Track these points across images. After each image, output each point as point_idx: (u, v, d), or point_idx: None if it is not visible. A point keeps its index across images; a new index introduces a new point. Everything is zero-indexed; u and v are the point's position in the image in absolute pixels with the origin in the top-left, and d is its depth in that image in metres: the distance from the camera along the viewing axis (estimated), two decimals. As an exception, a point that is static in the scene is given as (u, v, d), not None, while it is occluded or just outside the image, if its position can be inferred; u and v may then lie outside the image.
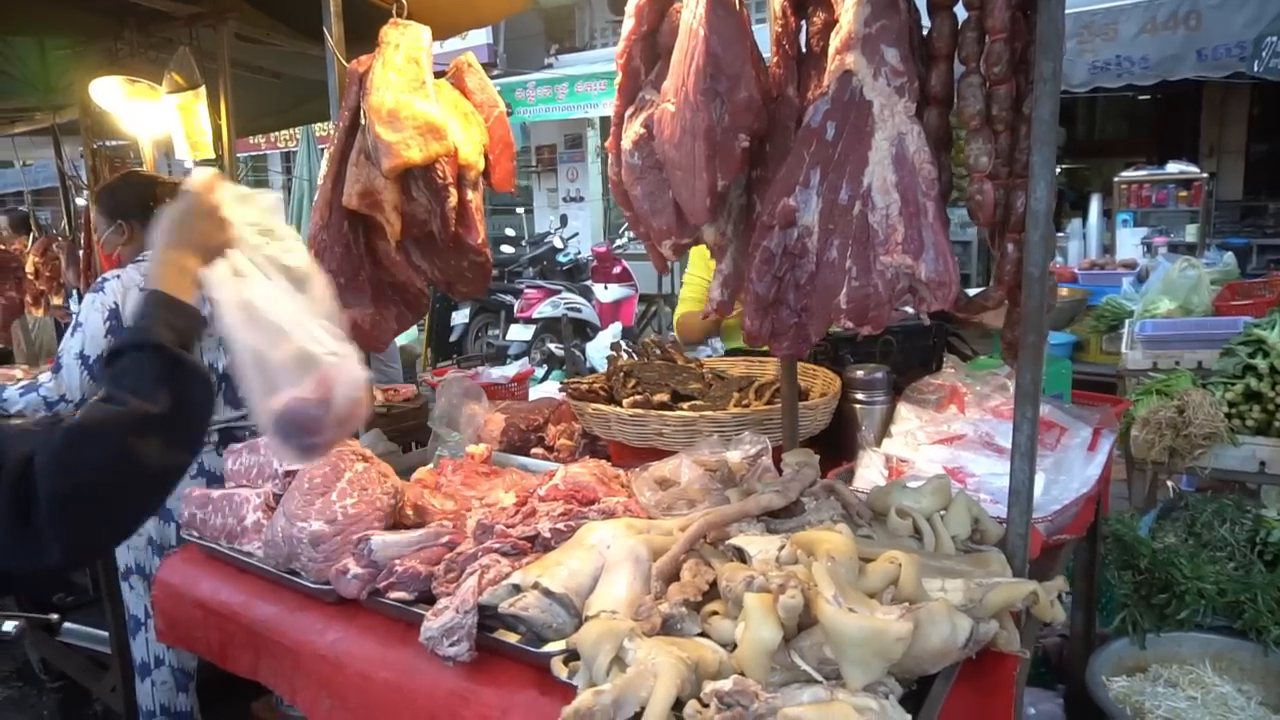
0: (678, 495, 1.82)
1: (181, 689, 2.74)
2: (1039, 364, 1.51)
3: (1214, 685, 2.34)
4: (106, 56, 4.00)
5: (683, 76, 1.64)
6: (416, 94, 2.17)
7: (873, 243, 1.56)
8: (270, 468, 2.07)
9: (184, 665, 2.72)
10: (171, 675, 2.71)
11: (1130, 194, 8.49)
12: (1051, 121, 1.41)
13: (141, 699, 2.74)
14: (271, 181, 17.96)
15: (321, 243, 2.36)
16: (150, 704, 2.72)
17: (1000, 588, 1.37)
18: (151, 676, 2.71)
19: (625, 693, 1.19)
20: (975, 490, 1.88)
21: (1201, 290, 4.37)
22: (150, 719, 2.73)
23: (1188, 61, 6.26)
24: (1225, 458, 2.97)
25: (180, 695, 2.74)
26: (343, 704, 1.67)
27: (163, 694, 2.71)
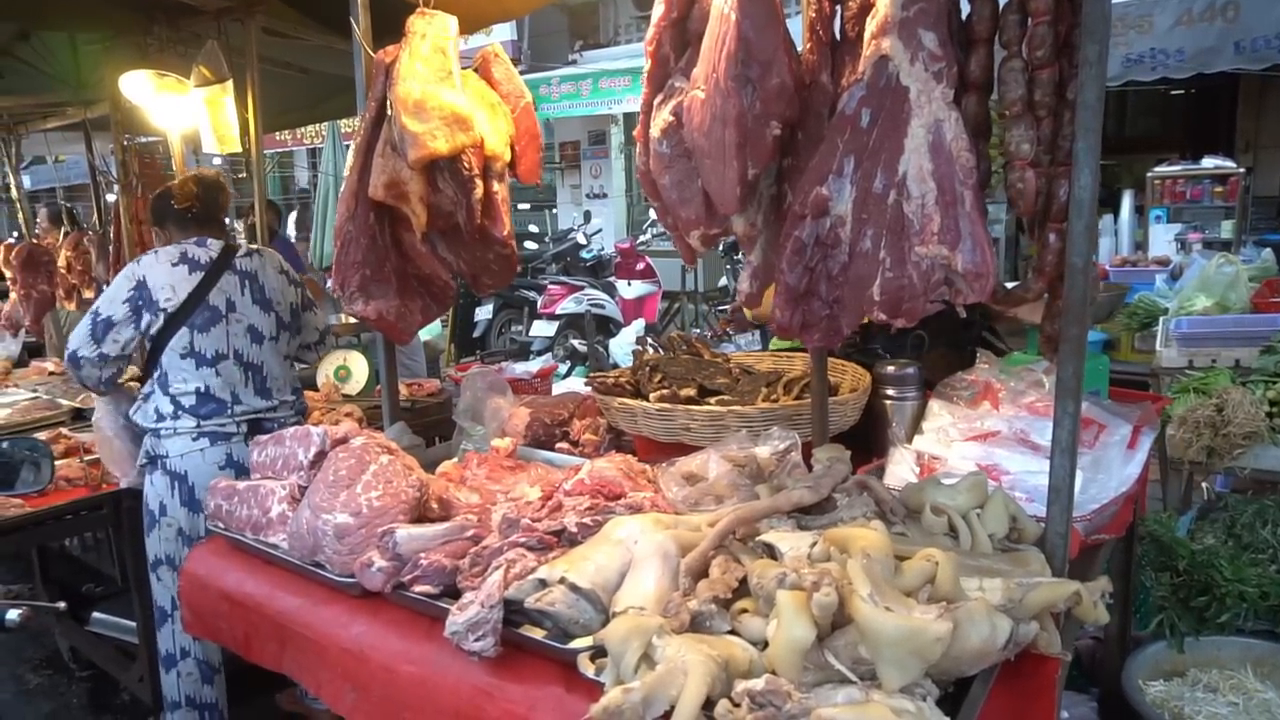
0: (705, 491, 1.79)
1: (207, 681, 2.75)
2: (1081, 357, 1.46)
3: (1256, 691, 2.29)
4: (136, 51, 4.02)
5: (713, 63, 1.61)
6: (443, 84, 2.15)
7: (908, 233, 1.52)
8: (295, 460, 2.06)
9: (209, 658, 2.73)
10: (197, 667, 2.72)
11: (1164, 190, 8.33)
12: (1097, 107, 1.37)
13: (167, 690, 2.76)
14: (298, 178, 18.14)
15: (348, 234, 2.35)
16: (176, 695, 2.73)
17: (1041, 588, 1.33)
18: (178, 668, 2.72)
19: (655, 691, 1.17)
20: (1010, 488, 1.83)
21: (1239, 287, 4.27)
22: (175, 710, 2.74)
23: (1225, 54, 6.11)
24: (1266, 457, 2.89)
25: (205, 687, 2.75)
26: (366, 697, 1.66)
27: (188, 685, 2.72)
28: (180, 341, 2.66)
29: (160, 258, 2.70)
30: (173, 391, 2.67)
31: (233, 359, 2.73)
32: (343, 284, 2.38)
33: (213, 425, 2.70)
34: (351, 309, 2.39)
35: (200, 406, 2.68)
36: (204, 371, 2.69)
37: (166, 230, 2.87)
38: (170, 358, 2.67)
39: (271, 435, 2.20)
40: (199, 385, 2.68)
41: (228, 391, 2.72)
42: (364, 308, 2.38)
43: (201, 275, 2.70)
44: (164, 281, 2.64)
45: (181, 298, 2.65)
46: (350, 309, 2.40)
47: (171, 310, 2.64)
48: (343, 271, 2.37)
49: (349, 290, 2.37)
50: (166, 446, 2.67)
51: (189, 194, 2.83)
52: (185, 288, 2.67)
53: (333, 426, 2.09)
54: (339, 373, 4.33)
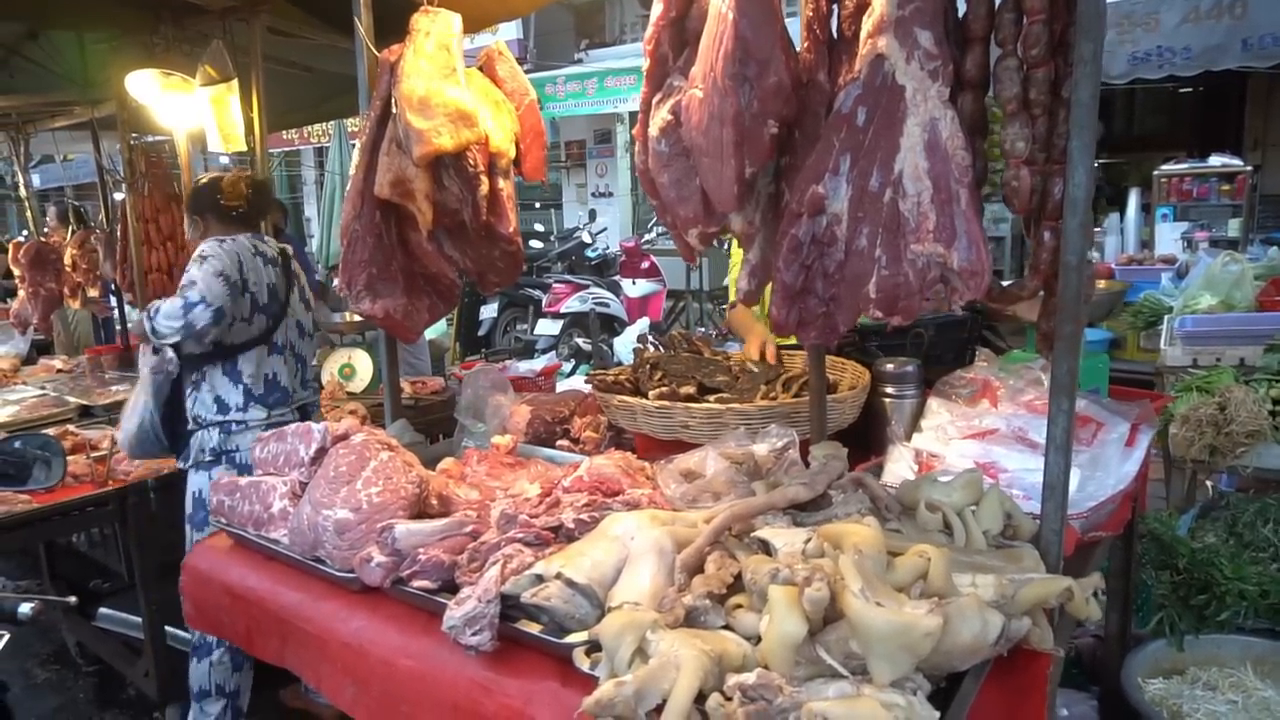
0: (703, 488, 1.80)
1: (237, 669, 2.80)
2: (1075, 355, 1.47)
3: (1256, 689, 2.29)
4: (143, 51, 4.05)
5: (711, 62, 1.62)
6: (447, 81, 2.16)
7: (903, 231, 1.52)
8: (297, 456, 2.07)
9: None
10: (230, 655, 2.77)
11: (1170, 188, 8.29)
12: (1091, 105, 1.37)
13: (198, 679, 2.78)
14: (304, 176, 18.19)
15: (354, 233, 2.36)
16: (206, 683, 2.77)
17: (1034, 584, 1.34)
18: (211, 656, 2.76)
19: (647, 684, 1.17)
20: (1008, 486, 1.83)
21: (1245, 285, 4.26)
22: (204, 698, 2.77)
23: (1232, 51, 6.08)
24: (1268, 456, 2.89)
25: (235, 675, 2.80)
26: (366, 691, 1.67)
27: (219, 673, 2.77)
28: (258, 326, 2.79)
29: (241, 245, 2.78)
30: (245, 380, 2.80)
31: (290, 350, 2.93)
32: (349, 283, 2.40)
33: (279, 415, 2.85)
34: (358, 308, 2.41)
35: (269, 394, 2.84)
36: (274, 359, 2.87)
37: (205, 220, 2.92)
38: (247, 342, 2.79)
39: (273, 432, 2.22)
40: (269, 372, 2.85)
41: (288, 379, 2.91)
42: (371, 306, 2.39)
43: (274, 269, 2.86)
44: (248, 269, 2.75)
45: (263, 285, 2.80)
46: (357, 308, 2.42)
47: (256, 295, 2.77)
48: (349, 270, 2.39)
49: (356, 289, 2.38)
50: (237, 441, 2.78)
51: (240, 194, 2.90)
52: (264, 279, 2.81)
53: (334, 423, 2.10)
54: (343, 370, 4.36)
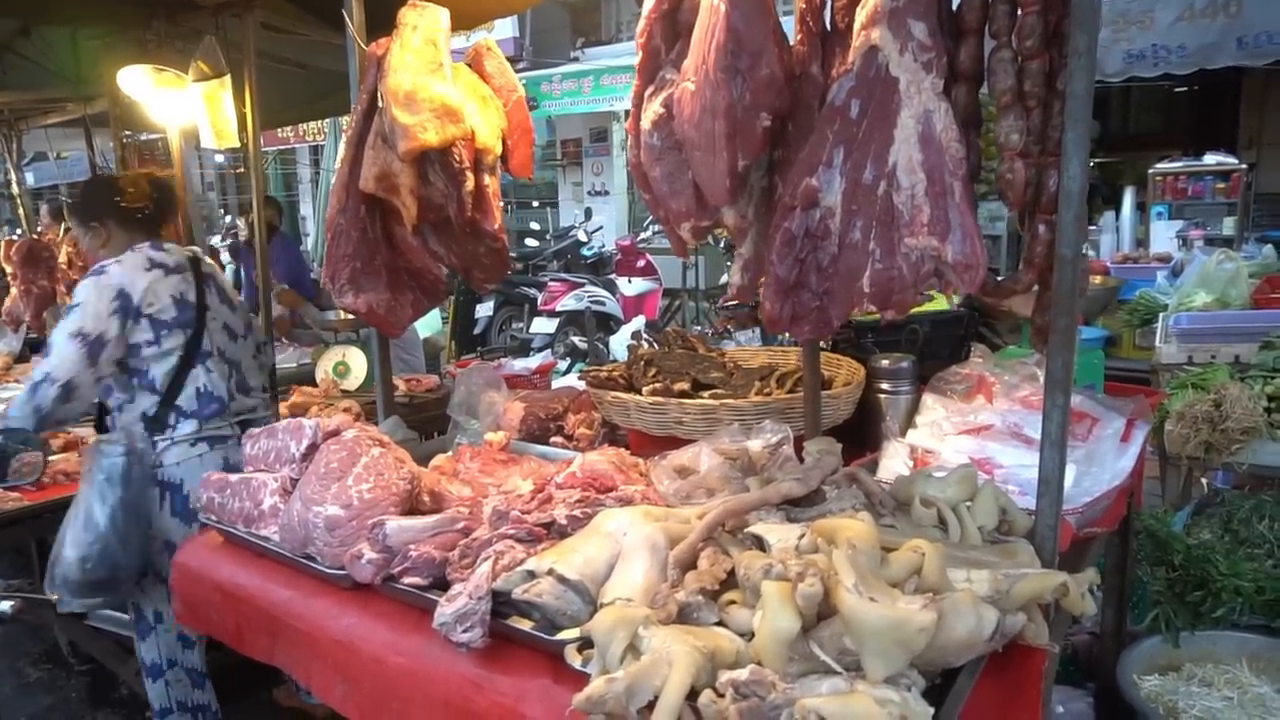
0: (697, 484, 1.79)
1: (198, 686, 2.71)
2: (1070, 349, 1.46)
3: (1251, 686, 2.28)
4: (135, 47, 4.02)
5: (703, 54, 1.61)
6: (434, 76, 2.14)
7: (897, 224, 1.51)
8: (288, 452, 2.06)
9: (195, 665, 2.69)
10: (187, 675, 2.69)
11: (1166, 186, 8.30)
12: (1086, 97, 1.36)
13: (155, 698, 2.69)
14: (300, 175, 18.16)
15: (338, 227, 2.35)
16: (166, 702, 2.68)
17: (1028, 579, 1.33)
18: (165, 676, 2.68)
19: (638, 680, 1.16)
20: (1003, 482, 1.83)
21: (1240, 283, 4.26)
22: (168, 715, 2.69)
23: (1227, 50, 6.09)
24: (1263, 453, 2.88)
25: (197, 691, 2.71)
26: (356, 689, 1.66)
27: (179, 691, 2.68)
28: (171, 344, 2.59)
29: (128, 265, 2.55)
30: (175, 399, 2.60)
31: (217, 356, 2.71)
32: (333, 276, 2.38)
33: (211, 429, 2.65)
34: (341, 301, 2.39)
35: (203, 407, 2.64)
36: (199, 370, 2.64)
37: (105, 227, 2.66)
38: (162, 361, 2.58)
39: (264, 429, 2.20)
40: (199, 385, 2.63)
41: (222, 388, 2.69)
42: (354, 300, 2.38)
43: (177, 278, 2.63)
44: (142, 288, 2.53)
45: (166, 301, 2.58)
46: (340, 301, 2.40)
47: (159, 316, 2.56)
48: (333, 264, 2.37)
49: (339, 283, 2.37)
50: (161, 456, 2.59)
51: (143, 194, 2.67)
52: (165, 291, 2.58)
53: (325, 419, 2.09)
54: (338, 368, 4.34)
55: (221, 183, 19.72)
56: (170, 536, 2.58)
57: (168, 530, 2.59)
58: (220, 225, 15.33)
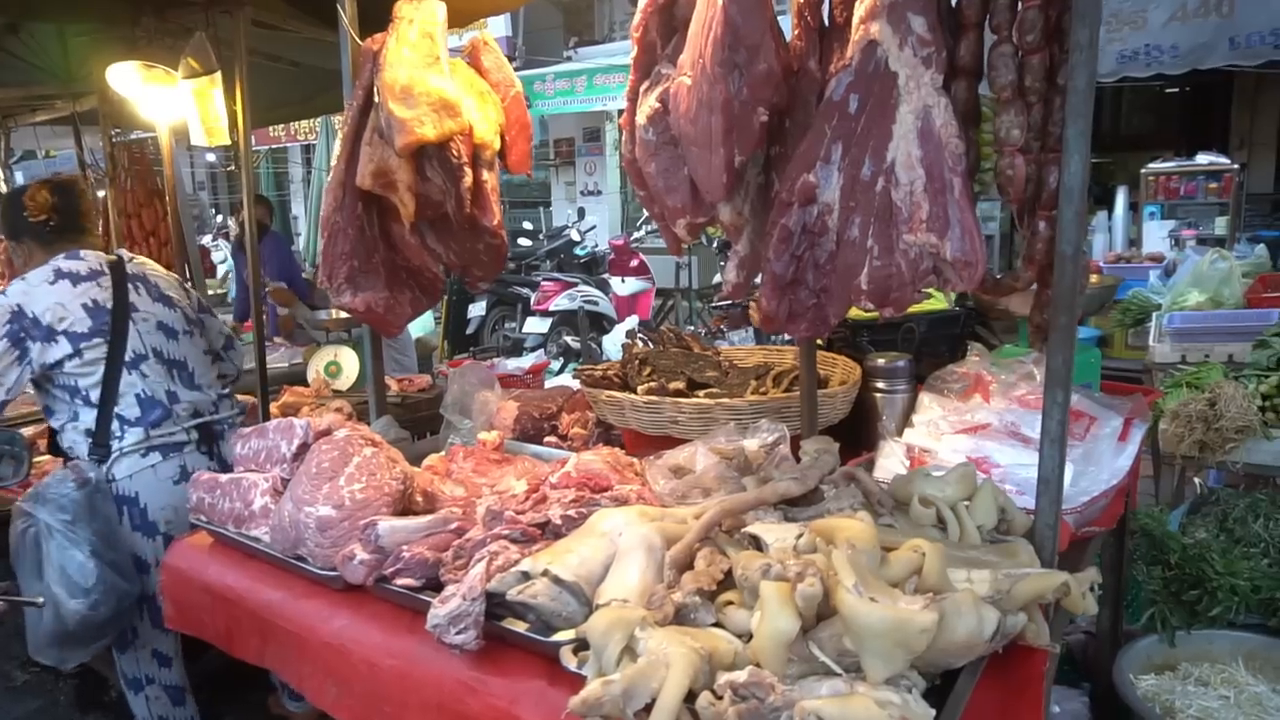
0: (693, 484, 1.77)
1: (178, 703, 2.65)
2: (1070, 347, 1.44)
3: (1247, 685, 2.27)
4: (125, 43, 3.98)
5: (700, 48, 1.59)
6: (431, 70, 2.12)
7: (896, 221, 1.50)
8: (278, 452, 2.04)
9: (174, 682, 2.63)
10: (165, 692, 2.62)
11: (1158, 186, 8.33)
12: (1087, 92, 1.35)
13: (137, 710, 2.64)
14: (292, 174, 18.09)
15: (335, 225, 2.32)
16: (148, 715, 2.63)
17: (1030, 579, 1.32)
18: (145, 692, 2.62)
19: (635, 683, 1.15)
20: (1000, 481, 1.81)
21: (1233, 282, 4.26)
22: None
23: (1219, 50, 6.10)
24: (1258, 452, 2.88)
25: (177, 709, 2.65)
26: (348, 691, 1.64)
27: (159, 707, 2.63)
28: (94, 354, 2.45)
29: (31, 282, 2.44)
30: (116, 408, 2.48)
31: (153, 358, 2.57)
32: (330, 276, 2.35)
33: (162, 436, 2.52)
34: (339, 301, 2.37)
35: (147, 413, 2.50)
36: (134, 376, 2.50)
37: (24, 246, 2.58)
38: (89, 373, 2.45)
39: (255, 428, 2.18)
40: (138, 391, 2.50)
41: (162, 390, 2.56)
42: (352, 300, 2.35)
43: (89, 284, 2.49)
44: (47, 304, 2.40)
45: (78, 312, 2.43)
46: (338, 301, 2.38)
47: (72, 329, 2.41)
48: (330, 263, 2.35)
49: (336, 282, 2.34)
50: (112, 470, 2.45)
51: (43, 204, 2.53)
52: (74, 301, 2.44)
53: (316, 419, 2.07)
54: (329, 368, 4.31)
55: (213, 181, 19.64)
56: (135, 551, 2.47)
57: (130, 546, 2.47)
58: (212, 224, 15.26)
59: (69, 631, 2.29)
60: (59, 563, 2.27)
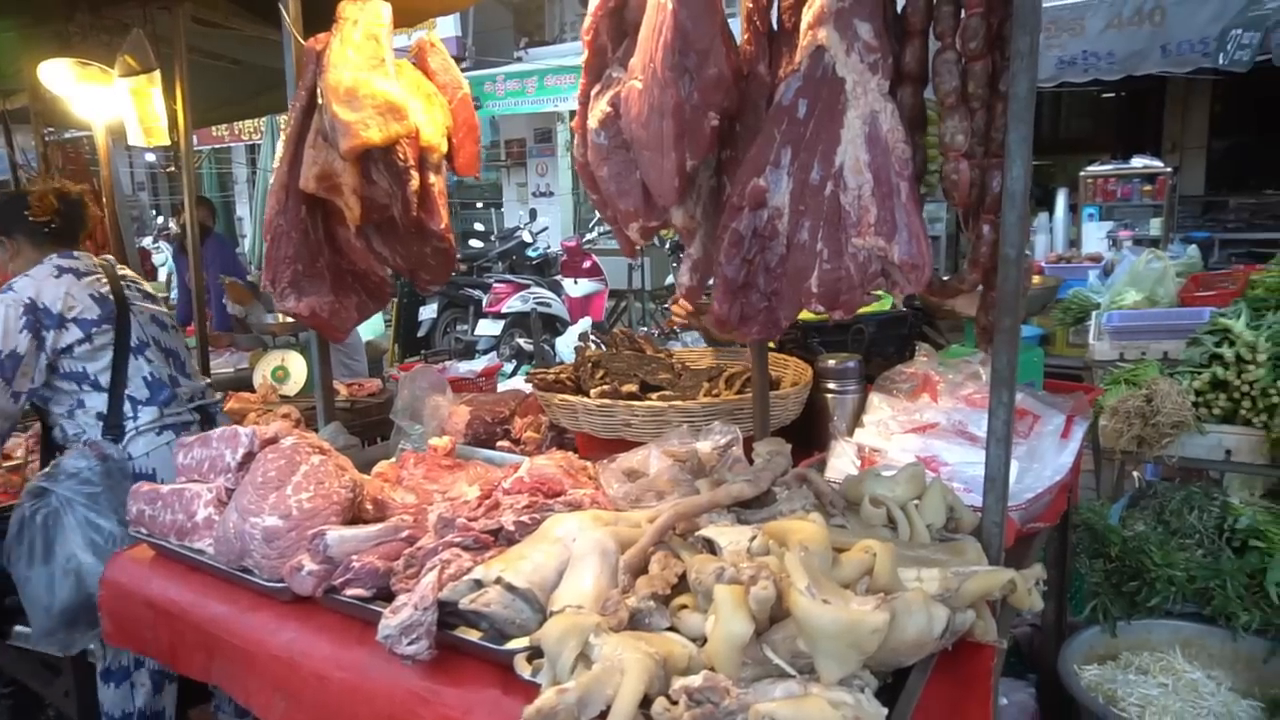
0: (646, 487, 1.77)
1: (158, 690, 2.65)
2: (1014, 347, 1.47)
3: (1184, 672, 2.35)
4: (57, 40, 3.85)
5: (651, 52, 1.59)
6: (376, 72, 2.09)
7: (844, 224, 1.52)
8: (223, 461, 1.98)
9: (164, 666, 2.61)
10: (150, 678, 2.61)
11: (1096, 188, 8.58)
12: (1028, 99, 1.38)
13: (119, 702, 2.61)
14: (236, 174, 17.68)
15: (279, 229, 2.27)
16: (129, 706, 2.60)
17: (977, 576, 1.34)
18: (131, 678, 2.60)
19: (590, 690, 1.14)
20: (948, 479, 1.84)
21: (1167, 282, 4.41)
22: None
23: (1152, 57, 6.32)
24: (1192, 446, 2.98)
25: (157, 696, 2.65)
26: (297, 706, 1.60)
27: (140, 696, 2.61)
28: (103, 340, 2.60)
29: (37, 276, 2.56)
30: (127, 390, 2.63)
31: (153, 345, 2.75)
32: (273, 280, 2.31)
33: (173, 415, 2.69)
34: (283, 306, 2.32)
35: (156, 394, 2.68)
36: (140, 361, 2.68)
37: (14, 242, 2.69)
38: (98, 357, 2.60)
39: (198, 436, 2.12)
40: (145, 374, 2.67)
41: (165, 374, 2.73)
42: (296, 304, 2.31)
43: (91, 279, 2.64)
44: (55, 294, 2.53)
45: (87, 300, 2.58)
46: (282, 306, 2.32)
47: (83, 316, 2.55)
48: (274, 267, 2.30)
49: (280, 286, 2.29)
50: (129, 448, 2.60)
51: (48, 208, 2.67)
52: (82, 291, 2.59)
53: (261, 427, 2.02)
54: (276, 373, 4.22)
55: (153, 182, 19.10)
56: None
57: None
58: (152, 226, 14.83)
59: (92, 603, 2.28)
60: (85, 532, 2.40)
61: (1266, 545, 2.55)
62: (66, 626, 2.40)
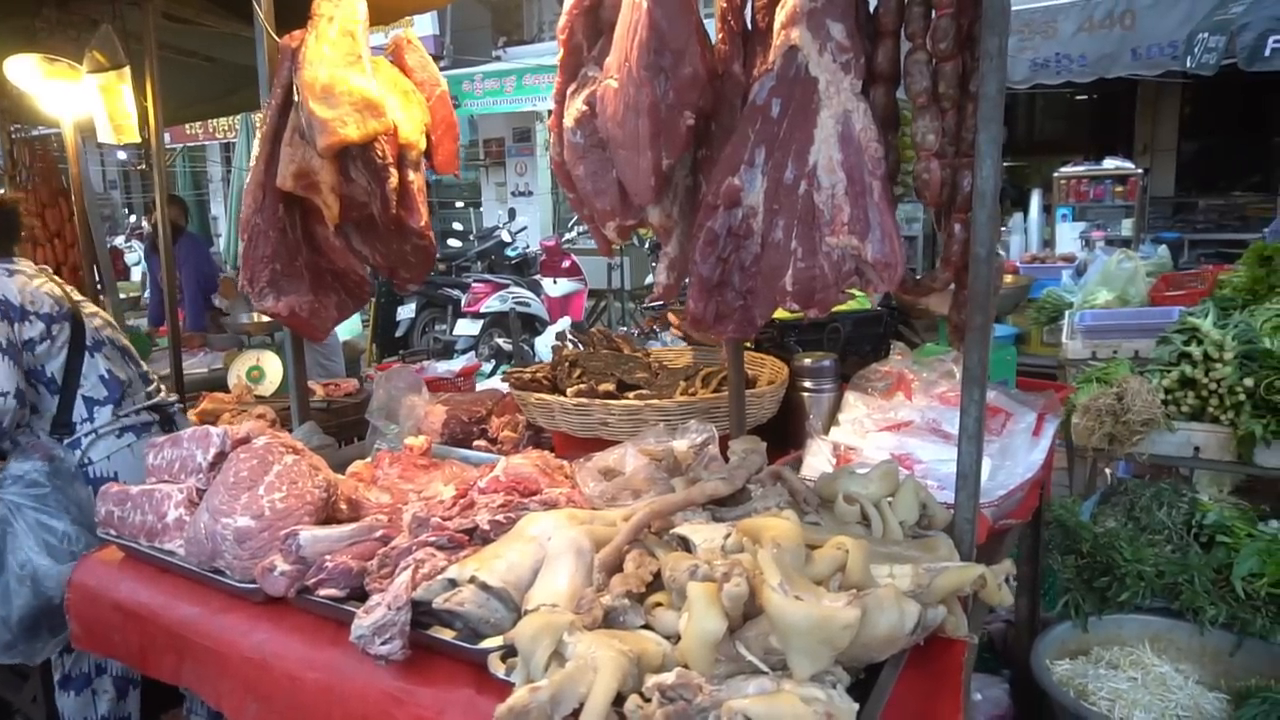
0: (622, 486, 1.77)
1: (122, 696, 2.60)
2: (986, 345, 1.49)
3: (1153, 666, 2.39)
4: (23, 35, 3.78)
5: (626, 51, 1.59)
6: (352, 69, 2.07)
7: (818, 223, 1.53)
8: (194, 462, 1.96)
9: (128, 671, 2.57)
10: (113, 684, 2.56)
11: (1069, 189, 8.70)
12: (998, 99, 1.39)
13: (80, 710, 2.56)
14: (210, 173, 17.47)
15: (256, 228, 2.25)
16: (90, 714, 2.56)
17: (948, 572, 1.35)
18: (92, 685, 2.55)
19: (563, 688, 1.14)
20: (922, 477, 1.86)
21: (1138, 282, 4.47)
22: None
23: (1123, 60, 6.40)
24: (1161, 443, 3.02)
25: (122, 702, 2.60)
26: (269, 708, 1.59)
27: (104, 704, 2.56)
28: (62, 336, 2.57)
29: None
30: (82, 390, 2.58)
31: (108, 344, 2.71)
32: (251, 280, 2.28)
33: (129, 415, 2.66)
34: (261, 306, 2.29)
35: (113, 391, 2.64)
36: (98, 359, 2.64)
37: None
38: (56, 355, 2.56)
39: (168, 437, 2.09)
40: (101, 373, 2.62)
41: (120, 372, 2.69)
42: (274, 304, 2.28)
43: (41, 280, 2.62)
44: (13, 289, 2.50)
45: (44, 296, 2.56)
46: (260, 306, 2.30)
47: (41, 310, 2.53)
48: (251, 266, 2.27)
49: (258, 286, 2.26)
50: (88, 453, 2.56)
51: None
52: (40, 290, 2.56)
53: (234, 426, 2.00)
54: (251, 373, 4.17)
55: (125, 180, 18.83)
56: None
57: None
58: (124, 225, 14.63)
59: (53, 606, 2.25)
60: (38, 535, 2.33)
61: (1233, 541, 2.59)
62: (27, 636, 2.33)
